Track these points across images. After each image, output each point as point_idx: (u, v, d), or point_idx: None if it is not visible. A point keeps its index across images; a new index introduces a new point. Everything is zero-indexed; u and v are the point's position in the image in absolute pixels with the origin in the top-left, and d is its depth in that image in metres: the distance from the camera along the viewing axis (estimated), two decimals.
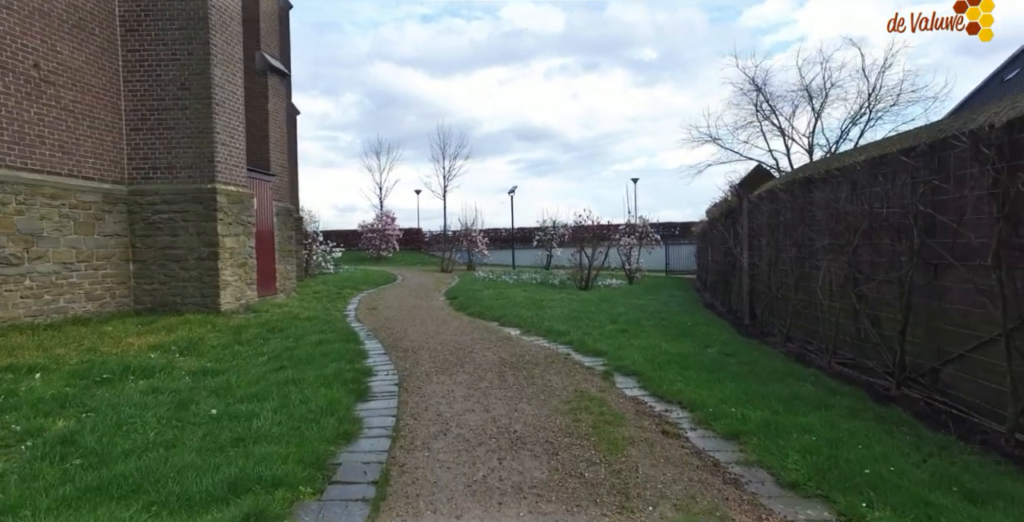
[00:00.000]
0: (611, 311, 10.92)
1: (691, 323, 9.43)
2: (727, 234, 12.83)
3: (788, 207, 7.87)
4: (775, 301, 8.64)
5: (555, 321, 9.21)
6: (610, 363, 6.11)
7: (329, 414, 4.02)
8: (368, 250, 39.21)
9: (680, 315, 10.67)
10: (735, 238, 11.68)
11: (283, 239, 12.91)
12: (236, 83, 9.82)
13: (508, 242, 33.11)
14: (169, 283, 9.07)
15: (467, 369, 5.88)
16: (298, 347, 6.76)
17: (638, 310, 11.27)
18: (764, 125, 27.61)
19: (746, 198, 10.47)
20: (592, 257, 17.17)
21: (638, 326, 8.88)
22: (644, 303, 12.81)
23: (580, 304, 12.17)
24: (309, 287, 15.63)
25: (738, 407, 4.28)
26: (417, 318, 10.35)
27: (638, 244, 22.31)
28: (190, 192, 9.09)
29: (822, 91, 25.26)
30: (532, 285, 18.24)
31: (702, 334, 8.27)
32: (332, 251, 23.68)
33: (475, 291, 15.42)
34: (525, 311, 10.66)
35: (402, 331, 8.75)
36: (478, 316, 10.56)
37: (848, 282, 6.11)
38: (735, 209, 11.79)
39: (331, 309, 11.22)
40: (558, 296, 14.09)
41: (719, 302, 13.57)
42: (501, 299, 13.25)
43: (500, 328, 9.05)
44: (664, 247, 25.78)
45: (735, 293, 11.76)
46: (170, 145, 9.05)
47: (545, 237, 29.31)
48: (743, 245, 10.68)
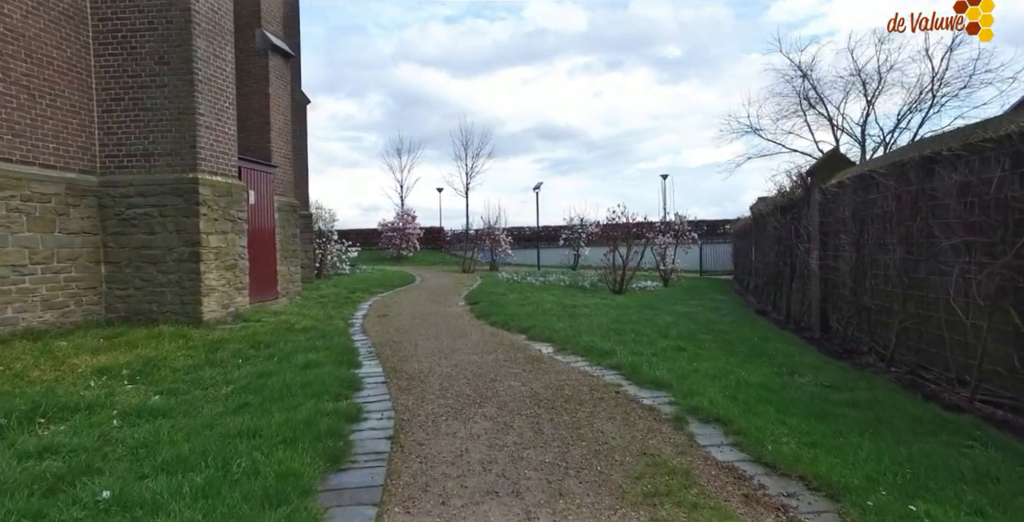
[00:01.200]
0: (657, 321, 9.37)
1: (756, 337, 7.84)
2: (783, 231, 11.18)
3: (893, 196, 6.24)
4: (865, 313, 7.01)
5: (594, 335, 7.71)
6: (678, 400, 4.60)
7: (273, 506, 2.60)
8: (388, 249, 38.17)
9: (738, 326, 9.06)
10: (796, 236, 10.05)
11: (286, 238, 11.65)
12: (224, 58, 8.53)
13: (533, 241, 31.63)
14: (145, 289, 7.81)
15: (488, 409, 4.42)
16: (278, 372, 5.39)
17: (688, 319, 9.68)
18: (809, 115, 25.65)
19: (817, 188, 8.83)
20: (627, 257, 15.59)
21: (696, 342, 7.33)
22: (690, 310, 11.21)
23: (618, 311, 10.63)
24: (318, 290, 14.38)
25: (907, 495, 2.75)
26: (431, 329, 8.94)
27: (674, 243, 20.62)
28: (168, 183, 7.81)
29: (876, 76, 23.21)
30: (560, 287, 16.73)
31: (776, 353, 6.69)
32: (348, 251, 22.51)
33: (498, 295, 13.98)
34: (556, 321, 9.17)
35: (411, 347, 7.34)
36: (502, 326, 9.10)
37: (1004, 294, 4.49)
38: (797, 202, 10.15)
39: (335, 317, 9.89)
40: (591, 301, 12.56)
41: (771, 308, 11.93)
42: (527, 305, 11.78)
43: (528, 343, 7.58)
44: (698, 247, 24.01)
45: (796, 299, 10.15)
46: (147, 128, 7.78)
47: (572, 236, 27.73)
48: (811, 244, 9.05)
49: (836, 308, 8.08)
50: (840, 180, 8.03)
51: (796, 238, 10.09)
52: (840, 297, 7.86)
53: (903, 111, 22.99)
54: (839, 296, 7.96)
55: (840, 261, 7.94)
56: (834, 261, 8.23)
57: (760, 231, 14.52)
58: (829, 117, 24.37)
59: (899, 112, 23.23)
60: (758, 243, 15.06)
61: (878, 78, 23.24)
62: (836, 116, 24.21)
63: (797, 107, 25.54)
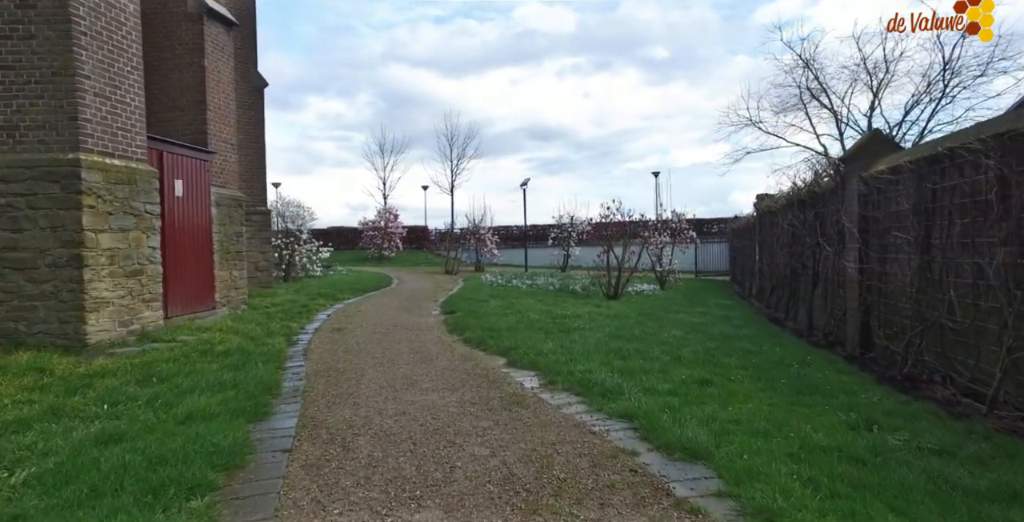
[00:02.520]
0: (664, 336, 7.74)
1: (791, 360, 6.24)
2: (801, 229, 9.66)
3: (996, 178, 4.64)
4: (936, 331, 5.43)
5: (591, 359, 6.05)
6: (731, 488, 2.95)
7: None
8: (370, 249, 36.33)
9: (761, 342, 7.47)
10: (822, 234, 8.54)
11: (227, 237, 9.88)
12: (124, 10, 6.75)
13: (520, 241, 29.99)
14: (8, 303, 6.02)
15: (431, 516, 2.75)
16: (135, 433, 3.66)
17: (699, 333, 8.06)
18: (810, 107, 24.21)
19: (856, 177, 7.27)
20: (623, 258, 13.98)
21: (721, 370, 5.69)
22: (698, 320, 9.60)
23: (617, 323, 9.00)
24: (275, 297, 12.59)
25: None
26: (390, 349, 7.23)
27: (672, 243, 19.07)
28: (40, 164, 6.00)
29: (884, 65, 21.78)
30: (549, 292, 15.08)
31: (829, 386, 5.10)
32: (320, 251, 20.70)
33: (479, 302, 12.29)
34: (544, 338, 7.51)
35: (355, 379, 5.63)
36: (478, 345, 7.42)
37: None
38: (823, 195, 8.63)
39: (277, 333, 8.13)
40: (584, 309, 10.93)
41: (785, 316, 10.43)
42: (511, 314, 10.12)
43: (507, 373, 5.89)
44: (694, 246, 22.49)
45: (821, 308, 8.64)
46: (9, 93, 6.00)
47: (562, 235, 26.09)
48: (847, 243, 7.52)
49: (885, 322, 6.51)
50: (893, 165, 6.44)
51: (821, 237, 8.55)
52: (892, 309, 6.29)
53: (911, 103, 21.63)
54: (890, 307, 6.40)
55: (892, 265, 6.37)
56: (881, 265, 6.67)
57: (767, 229, 13.00)
58: (833, 109, 22.96)
59: (907, 104, 21.89)
60: (764, 243, 13.56)
61: (885, 68, 21.85)
62: (840, 108, 22.81)
63: (798, 99, 24.10)
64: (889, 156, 6.88)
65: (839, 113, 22.74)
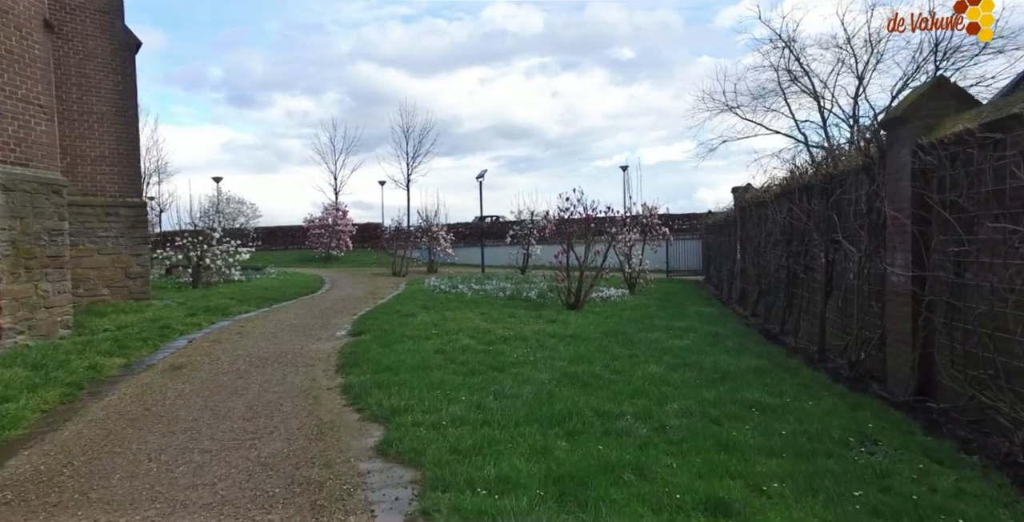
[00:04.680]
0: (638, 377, 5.30)
1: (835, 424, 3.88)
2: (806, 222, 7.49)
3: None
4: None
5: (519, 442, 3.55)
6: None
7: None
8: (317, 249, 33.24)
9: (770, 379, 5.17)
10: (842, 228, 6.35)
11: (26, 236, 7.03)
12: None
13: (479, 238, 27.49)
14: None
15: None
16: None
17: (690, 370, 5.64)
18: (789, 93, 22.25)
19: (910, 146, 5.04)
20: (585, 260, 11.54)
21: (737, 463, 3.25)
22: (683, 343, 7.22)
23: (573, 351, 6.53)
24: (139, 312, 9.68)
25: None
26: (216, 410, 4.57)
27: (642, 240, 16.79)
28: None
29: (868, 46, 19.91)
30: (498, 300, 12.56)
31: (929, 495, 2.70)
32: (238, 252, 17.72)
33: (403, 316, 9.71)
34: (462, 386, 4.96)
35: (76, 499, 3.02)
36: (356, 401, 4.77)
37: None
38: (842, 176, 6.49)
39: (55, 384, 5.36)
40: (533, 327, 8.43)
41: (779, 329, 8.32)
42: (435, 337, 7.58)
43: (366, 476, 3.26)
44: (665, 244, 20.33)
45: (836, 323, 6.51)
46: None
47: (521, 232, 23.57)
48: (891, 240, 5.29)
49: (964, 359, 4.22)
50: (986, 120, 4.13)
51: (841, 232, 6.33)
52: (983, 339, 3.99)
53: (899, 86, 19.81)
54: (969, 336, 4.11)
55: (982, 272, 4.08)
56: (957, 272, 4.40)
57: (753, 224, 10.82)
58: (815, 93, 21.02)
59: (894, 87, 20.08)
60: (748, 240, 11.38)
61: (870, 49, 20.00)
62: (824, 91, 20.87)
63: (776, 85, 22.13)
64: (965, 114, 4.58)
65: (822, 98, 20.80)
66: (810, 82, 21.15)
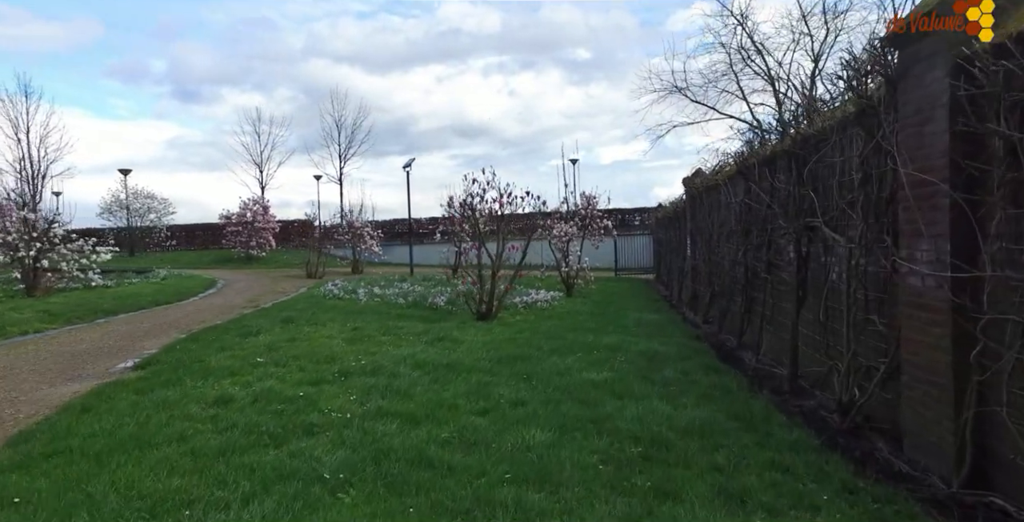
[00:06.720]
0: (504, 453, 2.97)
1: None
2: (769, 205, 5.39)
3: None
4: None
5: None
6: None
7: None
8: (235, 248, 29.91)
9: (739, 456, 2.87)
10: (822, 209, 4.22)
11: None
12: None
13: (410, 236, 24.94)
14: None
15: None
16: None
17: (599, 440, 3.34)
18: (742, 76, 20.57)
19: (948, 64, 2.78)
20: (498, 258, 9.19)
21: None
22: (603, 376, 4.94)
23: (431, 396, 4.16)
24: None
25: None
26: None
27: (580, 235, 14.66)
28: None
29: (825, 23, 18.38)
30: (395, 308, 10.12)
31: None
32: (95, 252, 14.62)
33: (243, 337, 7.17)
34: (160, 496, 2.54)
35: None
36: None
37: None
38: (821, 134, 4.34)
39: None
40: (409, 349, 6.04)
41: (737, 341, 6.37)
42: (252, 368, 5.20)
43: None
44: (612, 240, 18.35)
45: (811, 341, 4.35)
46: None
47: (451, 229, 21.08)
48: (923, 221, 3.04)
49: None
50: None
51: (820, 215, 4.21)
52: None
53: None
54: None
55: None
56: None
57: (704, 214, 8.80)
58: (770, 74, 19.37)
59: None
60: (699, 232, 9.38)
61: (825, 27, 18.49)
62: (778, 71, 19.23)
63: (728, 68, 20.40)
64: None
65: (777, 80, 19.15)
66: (764, 62, 19.50)
